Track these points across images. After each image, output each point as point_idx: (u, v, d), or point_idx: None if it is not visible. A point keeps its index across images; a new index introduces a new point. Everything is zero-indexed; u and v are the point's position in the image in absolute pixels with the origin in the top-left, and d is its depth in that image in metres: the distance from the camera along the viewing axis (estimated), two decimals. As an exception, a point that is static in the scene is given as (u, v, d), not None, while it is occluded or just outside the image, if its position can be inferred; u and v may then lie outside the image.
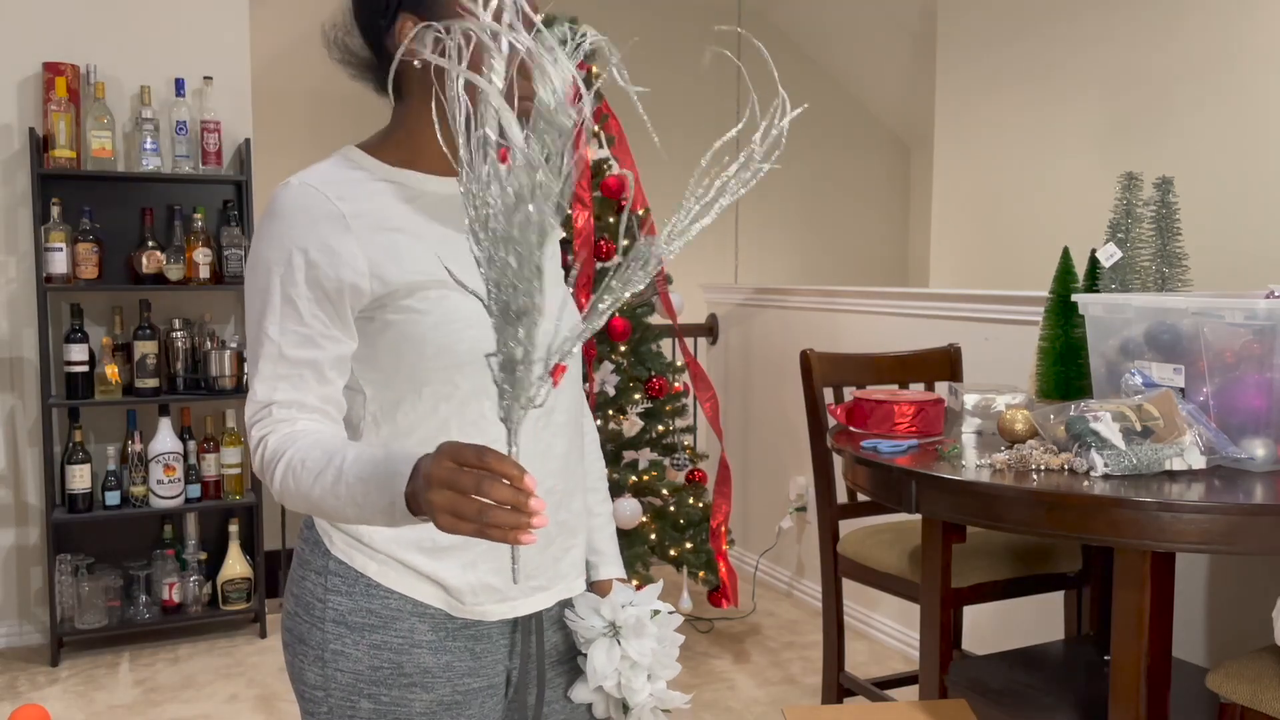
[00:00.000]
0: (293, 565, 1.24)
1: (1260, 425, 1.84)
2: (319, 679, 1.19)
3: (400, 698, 1.18)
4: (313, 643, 1.19)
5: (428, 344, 1.15)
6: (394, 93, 1.19)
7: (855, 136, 7.14)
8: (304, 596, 1.20)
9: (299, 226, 1.13)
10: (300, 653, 1.20)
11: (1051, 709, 2.12)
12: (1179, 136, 3.72)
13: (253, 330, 1.14)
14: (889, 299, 3.58)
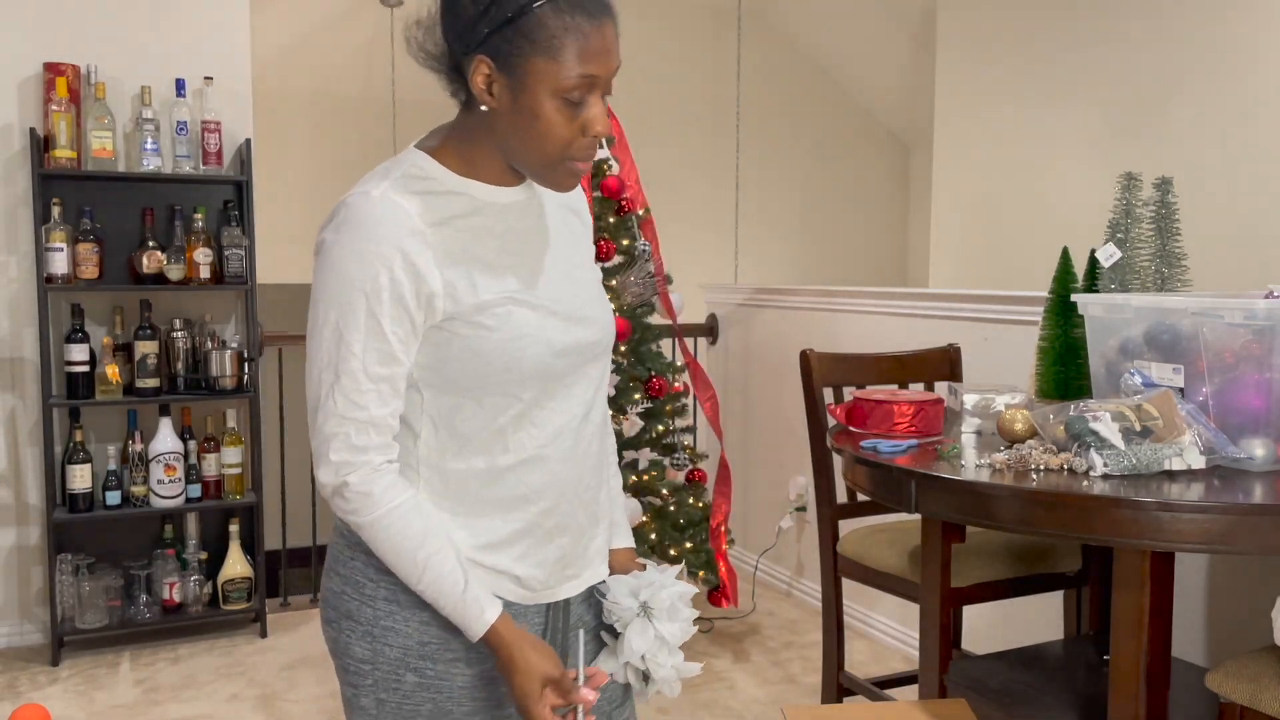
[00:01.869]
0: (336, 548, 1.30)
1: (1259, 425, 1.85)
2: (367, 653, 1.25)
3: (444, 671, 1.26)
4: (362, 619, 1.25)
5: (495, 358, 1.20)
6: (464, 104, 1.23)
7: (855, 136, 7.15)
8: (353, 576, 1.26)
9: (385, 242, 1.15)
10: (348, 629, 1.27)
11: (1051, 708, 2.13)
12: (1179, 136, 3.72)
13: (330, 339, 1.17)
14: (888, 299, 3.59)
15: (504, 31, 1.14)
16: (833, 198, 7.11)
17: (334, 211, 1.19)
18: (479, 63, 1.16)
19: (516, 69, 1.15)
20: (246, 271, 3.64)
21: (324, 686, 3.28)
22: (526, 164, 1.22)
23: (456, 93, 1.23)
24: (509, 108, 1.17)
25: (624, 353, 3.37)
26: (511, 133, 1.19)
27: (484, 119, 1.20)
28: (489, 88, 1.17)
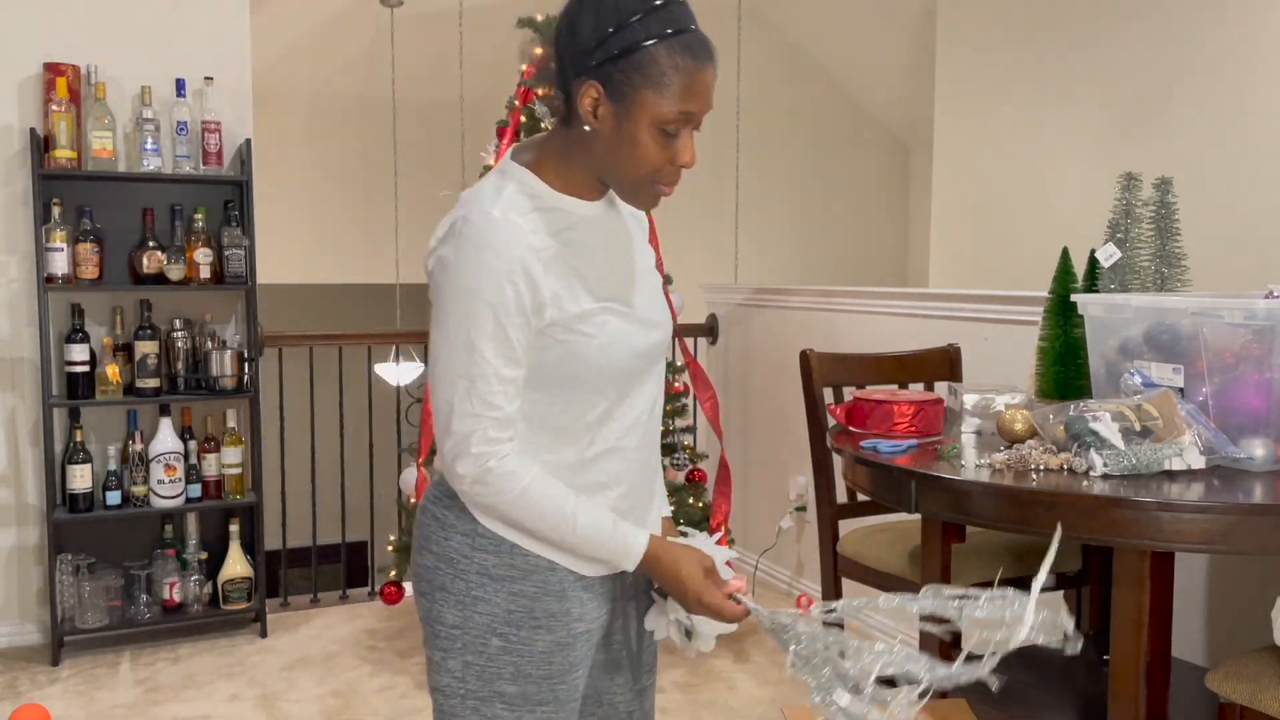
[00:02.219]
0: (428, 530, 1.43)
1: (1259, 425, 1.85)
2: (457, 619, 1.40)
3: (526, 638, 1.39)
4: (455, 590, 1.40)
5: (590, 361, 1.34)
6: (564, 120, 1.34)
7: (855, 137, 7.15)
8: (447, 554, 1.40)
9: (507, 258, 1.27)
10: (440, 599, 1.41)
11: (1051, 708, 2.13)
12: (1178, 136, 3.73)
13: (463, 348, 1.29)
14: (888, 299, 3.59)
15: (617, 62, 1.25)
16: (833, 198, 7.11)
17: (452, 229, 1.30)
18: (589, 87, 1.27)
19: (625, 97, 1.27)
20: (247, 271, 3.64)
21: (324, 686, 3.28)
22: (617, 182, 1.34)
23: (557, 109, 1.34)
24: (611, 131, 1.29)
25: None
26: (608, 153, 1.31)
27: (582, 137, 1.31)
28: (595, 110, 1.28)
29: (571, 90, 1.29)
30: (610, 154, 1.31)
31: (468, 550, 1.39)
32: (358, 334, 4.20)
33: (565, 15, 1.30)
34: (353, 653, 3.57)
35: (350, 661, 3.49)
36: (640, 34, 1.25)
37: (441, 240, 1.31)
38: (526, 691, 1.40)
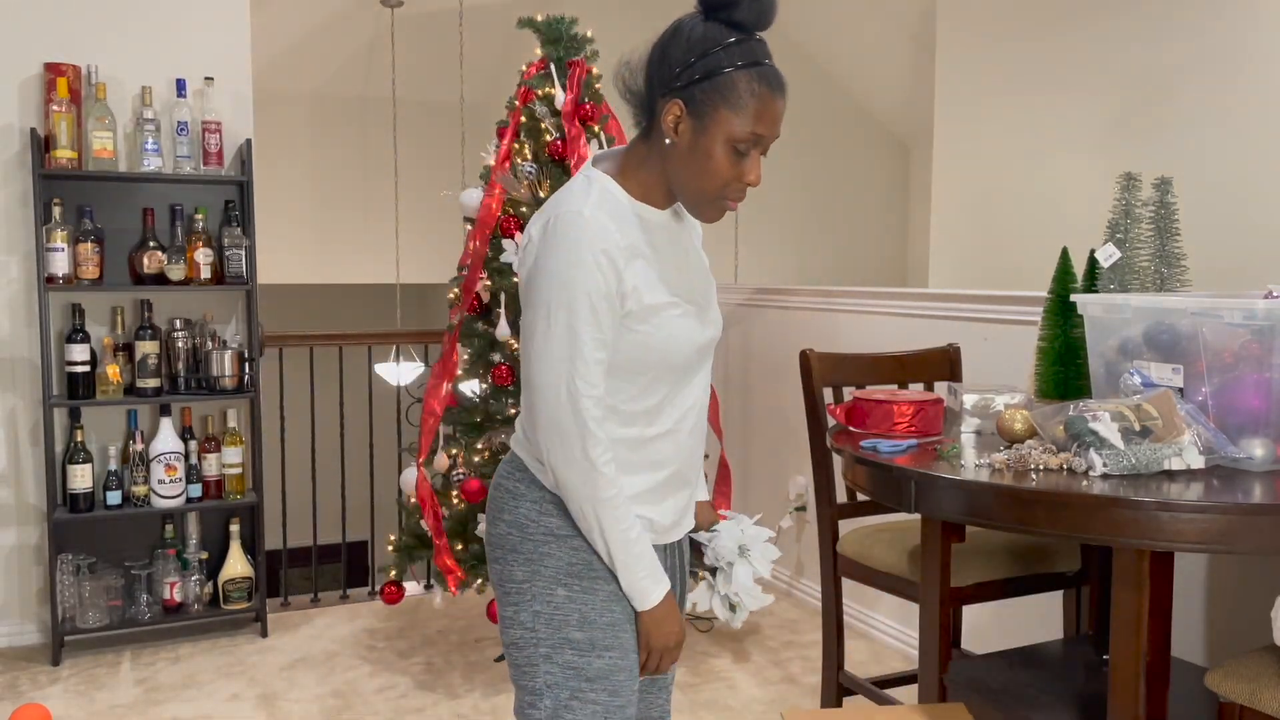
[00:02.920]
0: (500, 500, 1.59)
1: (1259, 425, 1.85)
2: (526, 574, 1.56)
3: (589, 586, 1.55)
4: (524, 550, 1.56)
5: (660, 351, 1.51)
6: (644, 134, 1.51)
7: (855, 137, 7.15)
8: (518, 520, 1.57)
9: (598, 252, 1.43)
10: (510, 559, 1.57)
11: (1050, 708, 2.13)
12: (1178, 137, 3.73)
13: (563, 335, 1.44)
14: (888, 299, 3.59)
15: (701, 84, 1.43)
16: (833, 198, 7.11)
17: (546, 227, 1.46)
18: (673, 104, 1.45)
19: (704, 116, 1.43)
20: (247, 271, 3.65)
21: (324, 686, 3.28)
22: (688, 194, 1.50)
23: (640, 122, 1.52)
24: (688, 146, 1.45)
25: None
26: (683, 167, 1.47)
27: (660, 150, 1.48)
28: (676, 126, 1.45)
29: (657, 107, 1.47)
30: (685, 167, 1.47)
31: (535, 515, 1.56)
32: (358, 334, 4.21)
33: (659, 43, 1.49)
34: (353, 652, 3.57)
35: (350, 661, 3.49)
36: (723, 61, 1.42)
37: (534, 239, 1.47)
38: (593, 637, 1.54)
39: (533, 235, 1.49)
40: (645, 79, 1.50)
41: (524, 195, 3.34)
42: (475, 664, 3.47)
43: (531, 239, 1.49)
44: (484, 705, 3.14)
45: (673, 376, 1.55)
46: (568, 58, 3.40)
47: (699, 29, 1.45)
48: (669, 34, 1.48)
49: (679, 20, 1.49)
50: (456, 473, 3.39)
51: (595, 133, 3.38)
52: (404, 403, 4.13)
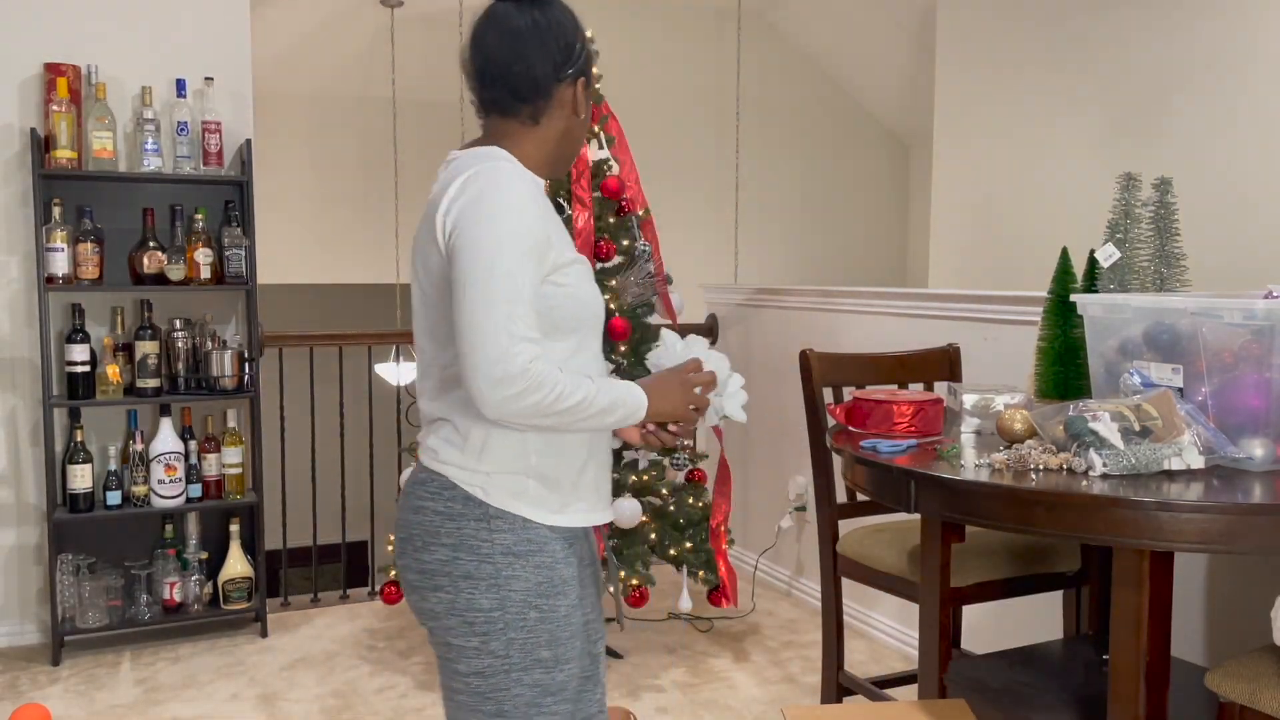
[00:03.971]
0: (431, 525, 1.51)
1: (1259, 425, 1.85)
2: (494, 602, 1.49)
3: (555, 604, 1.52)
4: (483, 575, 1.49)
5: (581, 305, 1.53)
6: (533, 119, 1.57)
7: (855, 136, 7.15)
8: (464, 542, 1.49)
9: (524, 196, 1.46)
10: (468, 587, 1.49)
11: (1050, 708, 2.13)
12: (1178, 137, 3.73)
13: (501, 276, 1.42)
14: (888, 299, 3.59)
15: (584, 60, 1.59)
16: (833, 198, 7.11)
17: (467, 183, 1.45)
18: (578, 83, 1.59)
19: (590, 85, 1.60)
20: (247, 272, 3.65)
21: (324, 686, 3.28)
22: (568, 161, 1.63)
23: (534, 115, 1.56)
24: (584, 116, 1.61)
25: (624, 353, 3.37)
26: (575, 137, 1.61)
27: (558, 127, 1.59)
28: (579, 103, 1.59)
29: (551, 90, 1.56)
30: (576, 136, 1.61)
31: (485, 534, 1.49)
32: (358, 334, 4.20)
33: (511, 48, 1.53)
34: (353, 652, 3.57)
35: (350, 661, 3.49)
36: (582, 41, 1.59)
37: (461, 191, 1.45)
38: (558, 654, 1.53)
39: (452, 188, 1.45)
40: (536, 68, 1.54)
41: (524, 195, 3.34)
42: (475, 664, 3.46)
43: (452, 199, 1.45)
44: (484, 705, 3.14)
45: (594, 338, 1.57)
46: (568, 58, 3.40)
47: (561, 14, 1.57)
48: (521, 36, 1.54)
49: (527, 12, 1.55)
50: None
51: (595, 133, 3.38)
52: (404, 403, 4.13)
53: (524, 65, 1.54)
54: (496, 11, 1.56)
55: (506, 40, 1.54)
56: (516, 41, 1.54)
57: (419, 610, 1.56)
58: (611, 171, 3.37)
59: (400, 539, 1.57)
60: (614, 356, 3.34)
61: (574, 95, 1.58)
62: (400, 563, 1.58)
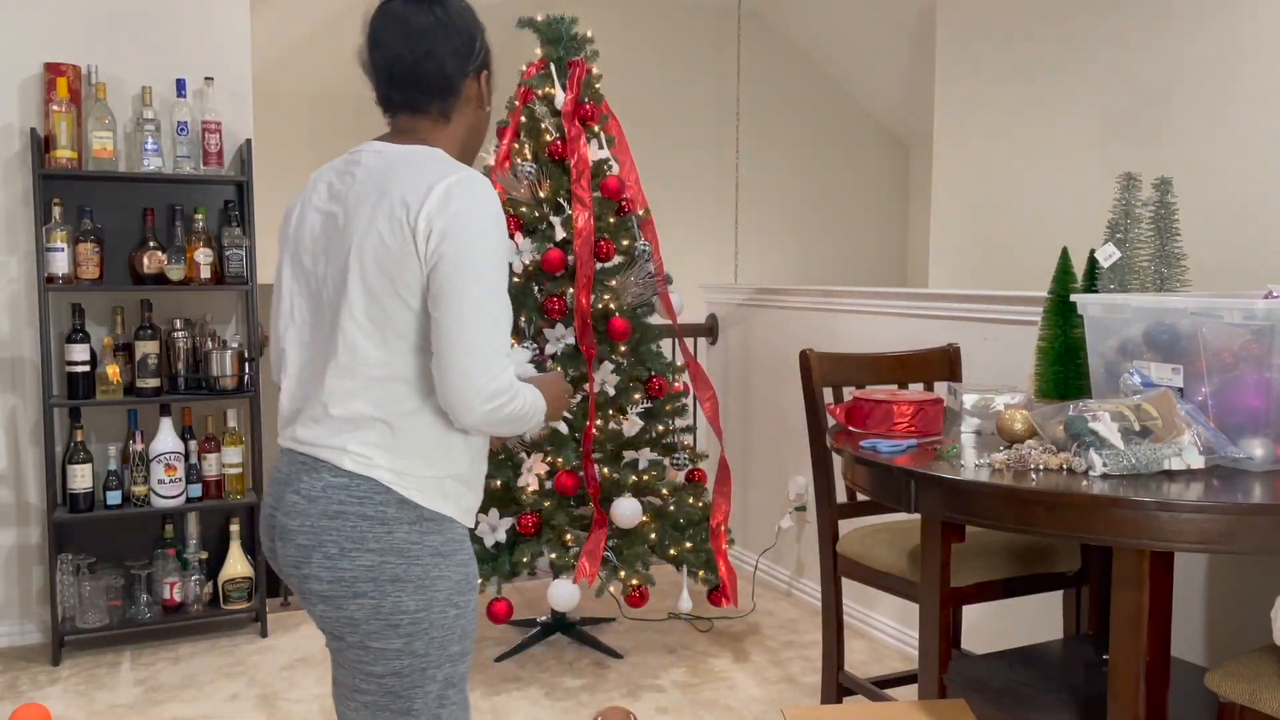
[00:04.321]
0: (359, 530, 1.48)
1: (1259, 425, 1.85)
2: (420, 603, 1.49)
3: (469, 600, 1.56)
4: (411, 577, 1.49)
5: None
6: (443, 115, 1.59)
7: (855, 136, 7.15)
8: (395, 546, 1.48)
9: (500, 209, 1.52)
10: (394, 590, 1.48)
11: (1050, 708, 2.13)
12: (1178, 137, 3.73)
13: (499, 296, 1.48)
14: (888, 299, 3.59)
15: (482, 56, 1.61)
16: (833, 198, 7.12)
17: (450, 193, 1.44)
18: (483, 76, 1.62)
19: (492, 78, 1.65)
20: (247, 272, 3.65)
21: (324, 686, 3.28)
22: (474, 153, 1.66)
23: (444, 112, 1.58)
24: (488, 108, 1.65)
25: (624, 353, 3.38)
26: (480, 130, 1.65)
27: (454, 129, 1.61)
28: (484, 96, 1.63)
29: (458, 86, 1.58)
30: (483, 125, 1.65)
31: (416, 536, 1.50)
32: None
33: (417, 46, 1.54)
34: (353, 652, 3.57)
35: (350, 661, 3.49)
36: (482, 34, 1.62)
37: (448, 199, 1.43)
38: (465, 647, 1.58)
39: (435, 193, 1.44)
40: (447, 62, 1.55)
41: (524, 195, 3.34)
42: (475, 664, 3.47)
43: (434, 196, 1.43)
44: (484, 705, 3.14)
45: None
46: (568, 58, 3.40)
47: (461, 8, 1.58)
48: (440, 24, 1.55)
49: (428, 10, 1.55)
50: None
51: (595, 132, 3.38)
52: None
53: (434, 63, 1.54)
54: (394, 10, 1.54)
55: (412, 39, 1.53)
56: (422, 39, 1.53)
57: (328, 619, 1.51)
58: (611, 171, 3.37)
59: (302, 546, 1.50)
60: (614, 357, 3.35)
61: (479, 89, 1.61)
62: (301, 571, 1.51)
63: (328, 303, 1.52)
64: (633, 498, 3.27)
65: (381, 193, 1.46)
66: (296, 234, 1.58)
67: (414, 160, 1.49)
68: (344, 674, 1.56)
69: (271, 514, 1.59)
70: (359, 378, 1.49)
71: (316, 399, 1.53)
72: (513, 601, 3.84)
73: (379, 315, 1.47)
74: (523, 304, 3.35)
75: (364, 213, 1.47)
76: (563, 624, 3.69)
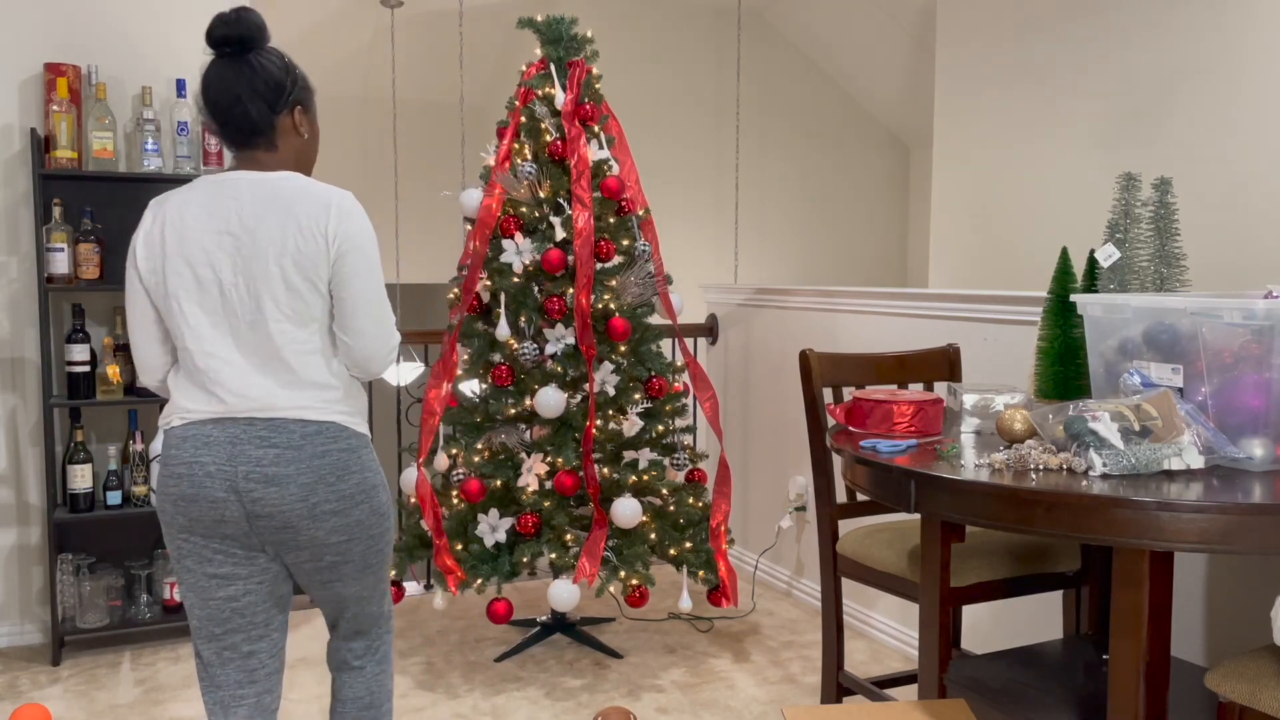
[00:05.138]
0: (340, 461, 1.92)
1: (1258, 425, 1.85)
2: (387, 494, 2.02)
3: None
4: (378, 481, 2.00)
5: None
6: (271, 146, 1.95)
7: (855, 136, 7.15)
8: (365, 463, 1.97)
9: None
10: (377, 492, 1.99)
11: (1050, 708, 2.13)
12: (1178, 137, 3.73)
13: (382, 280, 1.97)
14: (888, 299, 3.59)
15: (301, 90, 1.99)
16: (833, 198, 7.12)
17: (345, 204, 1.90)
18: (297, 111, 1.98)
19: (310, 110, 2.03)
20: (247, 272, 3.64)
21: (324, 686, 3.28)
22: (309, 166, 2.04)
23: (270, 144, 1.95)
24: (310, 134, 2.03)
25: (624, 353, 3.38)
26: (308, 152, 2.03)
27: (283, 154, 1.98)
28: (300, 126, 1.99)
29: (276, 121, 1.95)
30: (313, 149, 2.05)
31: (368, 454, 2.00)
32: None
33: (227, 96, 1.91)
34: (353, 652, 3.57)
35: (350, 661, 3.49)
36: (291, 76, 1.98)
37: (345, 213, 1.89)
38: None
39: (331, 209, 1.88)
40: (266, 102, 1.93)
41: (524, 195, 3.34)
42: (475, 664, 3.47)
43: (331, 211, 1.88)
44: (484, 705, 3.14)
45: None
46: (568, 58, 3.40)
47: (267, 59, 1.96)
48: (243, 77, 1.92)
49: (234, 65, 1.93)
50: (456, 473, 3.39)
51: (595, 133, 3.39)
52: (404, 403, 4.13)
53: (241, 108, 1.91)
54: (210, 70, 1.93)
55: (224, 91, 1.91)
56: (230, 91, 1.91)
57: (338, 529, 1.92)
58: (611, 171, 3.37)
59: (306, 483, 1.87)
60: (614, 357, 3.35)
61: (293, 122, 1.97)
62: (310, 501, 1.88)
63: (241, 303, 1.87)
64: (633, 498, 3.27)
65: (286, 212, 1.86)
66: (178, 254, 1.87)
67: (296, 183, 1.91)
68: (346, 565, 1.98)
69: (229, 469, 1.87)
70: (294, 355, 1.89)
71: (265, 376, 1.89)
72: (513, 601, 3.84)
73: (300, 305, 1.87)
74: (523, 304, 3.35)
75: (272, 228, 1.85)
76: (563, 624, 3.69)
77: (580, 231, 3.25)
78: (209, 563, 1.92)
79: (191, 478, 1.87)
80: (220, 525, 1.88)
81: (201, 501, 1.86)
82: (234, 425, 1.87)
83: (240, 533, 1.89)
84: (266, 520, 1.88)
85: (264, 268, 1.84)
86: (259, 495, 1.85)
